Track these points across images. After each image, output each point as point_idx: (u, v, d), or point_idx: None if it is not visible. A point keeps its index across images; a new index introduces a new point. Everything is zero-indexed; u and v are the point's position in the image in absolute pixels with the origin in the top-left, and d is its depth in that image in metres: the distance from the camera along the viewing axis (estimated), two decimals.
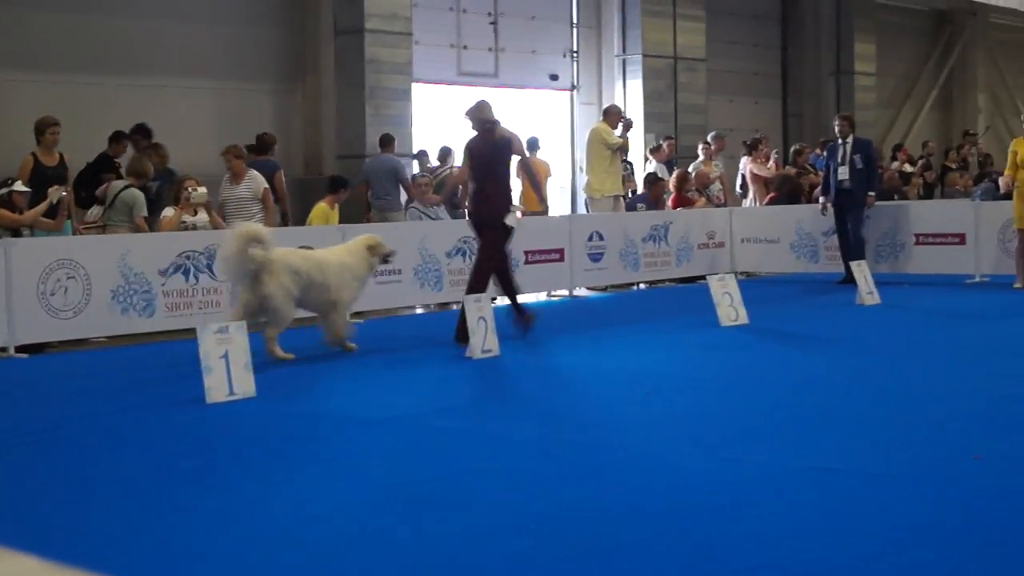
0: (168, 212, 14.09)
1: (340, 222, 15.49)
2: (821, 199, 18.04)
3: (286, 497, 6.17)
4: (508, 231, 12.24)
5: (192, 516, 5.84)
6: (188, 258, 13.11)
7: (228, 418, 8.47)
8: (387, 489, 6.26)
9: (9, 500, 6.28)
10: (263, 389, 9.12)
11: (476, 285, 11.91)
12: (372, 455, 7.18)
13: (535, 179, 14.21)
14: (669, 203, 19.55)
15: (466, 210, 13.96)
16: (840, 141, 17.64)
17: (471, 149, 12.38)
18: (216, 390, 8.87)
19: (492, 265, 12.21)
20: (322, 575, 4.95)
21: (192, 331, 9.81)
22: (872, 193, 17.58)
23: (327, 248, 12.08)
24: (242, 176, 14.68)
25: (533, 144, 19.13)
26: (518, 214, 13.37)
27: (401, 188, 17.44)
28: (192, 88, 18.57)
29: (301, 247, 11.94)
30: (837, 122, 17.94)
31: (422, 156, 19.46)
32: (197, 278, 13.15)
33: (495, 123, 12.26)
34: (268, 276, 10.82)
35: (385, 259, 12.02)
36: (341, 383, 10.06)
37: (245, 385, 9.04)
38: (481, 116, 12.26)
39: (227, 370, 8.94)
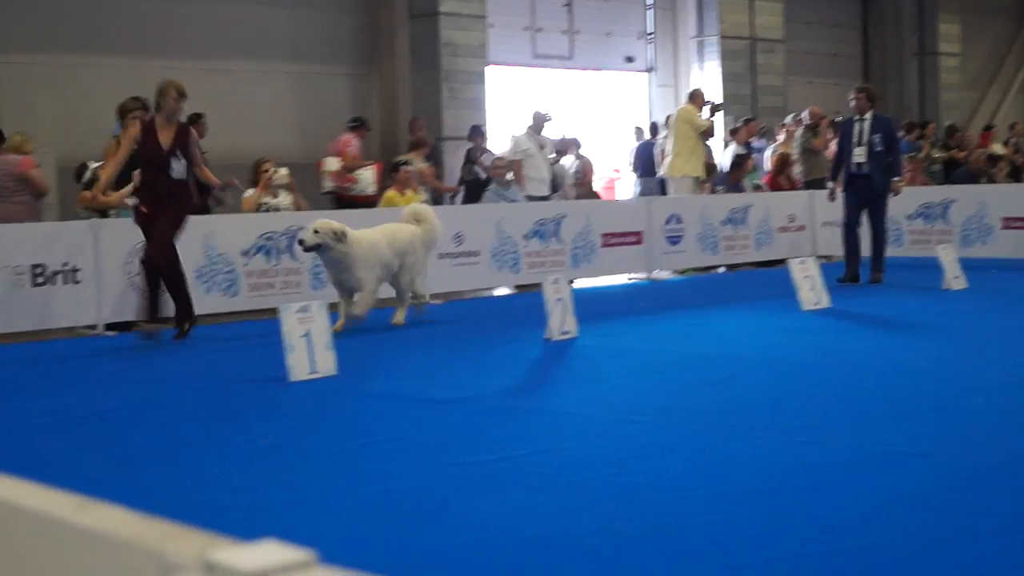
0: (248, 193, 14.22)
1: None
2: (829, 184, 15.89)
3: (362, 473, 6.24)
4: None
5: (274, 488, 5.90)
6: (269, 239, 13.21)
7: (309, 396, 8.57)
8: (458, 467, 6.29)
9: (100, 468, 6.35)
10: (344, 367, 9.21)
11: None
12: (443, 434, 7.22)
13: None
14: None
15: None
16: (857, 118, 15.32)
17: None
18: (298, 368, 8.95)
19: None
20: (403, 549, 4.96)
21: (273, 310, 9.87)
22: (898, 178, 15.60)
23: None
24: None
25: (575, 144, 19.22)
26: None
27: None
28: (269, 72, 18.71)
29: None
30: (853, 96, 15.50)
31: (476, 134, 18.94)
32: (279, 259, 13.26)
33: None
34: None
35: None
36: (418, 363, 10.13)
37: (326, 363, 9.11)
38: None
39: (309, 349, 9.01)
